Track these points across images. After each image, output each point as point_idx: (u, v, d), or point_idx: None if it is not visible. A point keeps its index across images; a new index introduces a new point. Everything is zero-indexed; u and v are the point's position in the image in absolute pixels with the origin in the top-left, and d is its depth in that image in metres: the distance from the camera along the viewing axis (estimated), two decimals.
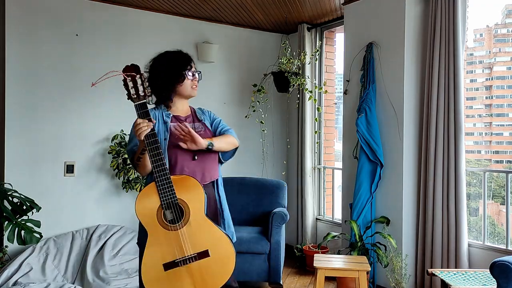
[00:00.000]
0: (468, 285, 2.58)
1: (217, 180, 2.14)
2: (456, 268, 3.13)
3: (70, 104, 3.79)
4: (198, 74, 2.16)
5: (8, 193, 3.23)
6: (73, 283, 3.29)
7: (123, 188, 3.88)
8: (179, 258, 1.85)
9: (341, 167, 4.07)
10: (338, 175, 4.37)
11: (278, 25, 4.66)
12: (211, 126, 2.19)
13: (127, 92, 1.94)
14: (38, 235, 3.24)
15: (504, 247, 3.07)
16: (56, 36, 3.72)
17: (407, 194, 3.44)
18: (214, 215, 2.09)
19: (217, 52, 4.48)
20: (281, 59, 4.23)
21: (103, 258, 3.42)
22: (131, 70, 1.97)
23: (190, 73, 2.10)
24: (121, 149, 3.80)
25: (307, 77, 4.41)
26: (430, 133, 3.27)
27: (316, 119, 4.54)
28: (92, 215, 3.87)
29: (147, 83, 1.95)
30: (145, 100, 1.93)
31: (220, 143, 2.06)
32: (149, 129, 1.86)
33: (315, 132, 4.57)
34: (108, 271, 3.34)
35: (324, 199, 4.66)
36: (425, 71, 3.39)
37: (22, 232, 3.18)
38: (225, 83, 4.63)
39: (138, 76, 1.95)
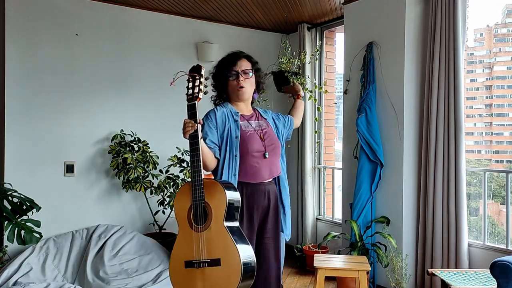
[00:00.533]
0: (468, 285, 2.57)
1: (279, 176, 2.21)
2: (456, 268, 3.13)
3: (70, 104, 3.79)
4: (246, 74, 2.15)
5: (8, 193, 3.23)
6: (73, 283, 3.29)
7: (123, 188, 3.87)
8: (195, 260, 1.89)
9: (341, 167, 4.06)
10: (338, 175, 4.36)
11: (278, 24, 4.66)
12: (279, 119, 2.34)
13: (186, 92, 2.01)
14: (38, 235, 3.24)
15: (504, 247, 3.07)
16: (56, 36, 3.72)
17: (407, 194, 3.44)
18: (275, 211, 2.15)
19: (217, 51, 4.48)
20: (281, 59, 4.21)
21: (103, 258, 3.42)
22: (194, 70, 2.04)
23: (231, 74, 2.13)
24: (121, 149, 3.80)
25: (307, 77, 4.40)
26: (430, 133, 3.26)
27: (316, 119, 4.54)
28: (92, 215, 3.87)
29: (203, 86, 2.01)
30: (195, 102, 1.95)
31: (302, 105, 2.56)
32: (193, 130, 1.89)
33: (315, 132, 4.57)
34: (108, 271, 3.34)
35: (324, 199, 4.66)
36: (425, 70, 3.39)
37: (22, 232, 3.18)
38: None
39: (198, 77, 2.00)
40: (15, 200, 3.26)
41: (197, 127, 1.89)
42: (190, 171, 1.93)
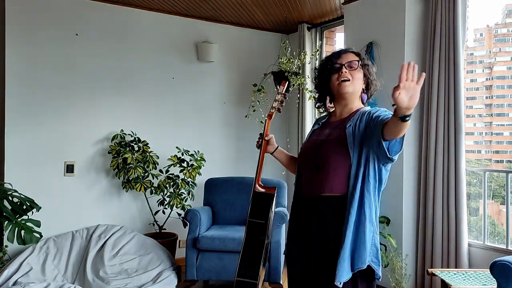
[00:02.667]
0: (468, 285, 2.57)
1: (340, 197, 1.67)
2: (456, 268, 3.13)
3: (70, 104, 3.79)
4: (351, 67, 1.75)
5: (8, 193, 3.23)
6: (73, 283, 3.29)
7: (123, 188, 3.88)
8: None
9: None
10: None
11: (278, 24, 4.66)
12: (365, 124, 1.68)
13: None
14: (38, 235, 3.25)
15: (504, 247, 3.07)
16: (56, 36, 3.72)
17: (407, 194, 3.44)
18: (334, 240, 1.64)
19: (217, 51, 4.48)
20: (281, 58, 4.22)
21: (103, 258, 3.42)
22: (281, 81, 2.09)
23: (333, 68, 1.77)
24: (121, 149, 3.80)
25: (307, 77, 4.41)
26: (430, 133, 3.26)
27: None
28: (92, 215, 3.87)
29: (278, 103, 2.02)
30: (266, 118, 2.02)
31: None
32: (258, 144, 1.99)
33: None
34: (108, 271, 3.34)
35: None
36: (425, 70, 3.39)
37: (22, 232, 3.19)
38: (225, 83, 4.63)
39: (279, 90, 2.05)
40: (15, 200, 3.26)
41: (261, 141, 1.97)
42: None
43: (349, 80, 1.74)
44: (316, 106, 1.95)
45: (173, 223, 4.10)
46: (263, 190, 1.98)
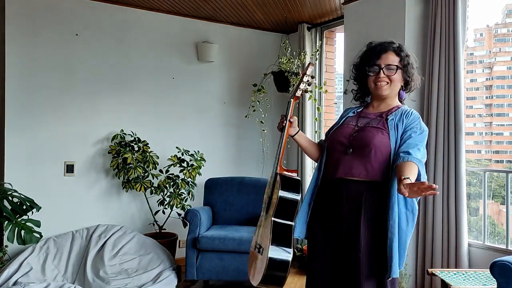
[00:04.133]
0: (468, 285, 2.57)
1: (378, 183, 1.75)
2: (456, 268, 3.12)
3: (70, 104, 3.79)
4: (390, 70, 1.80)
5: (8, 192, 3.23)
6: (73, 283, 3.29)
7: (123, 188, 3.87)
8: (256, 242, 1.99)
9: None
10: None
11: (278, 24, 4.66)
12: (403, 128, 1.81)
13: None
14: (38, 235, 3.25)
15: (504, 247, 3.07)
16: (56, 36, 3.72)
17: None
18: (368, 228, 1.71)
19: (217, 51, 4.48)
20: (281, 58, 4.22)
21: (103, 258, 3.42)
22: (305, 68, 2.03)
23: (371, 70, 1.84)
24: (121, 148, 3.80)
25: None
26: (430, 133, 3.26)
27: (316, 119, 4.54)
28: (92, 215, 3.87)
29: (304, 85, 1.98)
30: (291, 100, 1.96)
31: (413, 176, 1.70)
32: (281, 126, 1.93)
33: (315, 132, 4.57)
34: (108, 271, 3.34)
35: None
36: (425, 71, 3.39)
37: (22, 232, 3.19)
38: (225, 83, 4.63)
39: (303, 75, 2.00)
40: (15, 200, 3.26)
41: (284, 123, 1.91)
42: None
43: (387, 83, 1.82)
44: (355, 99, 2.01)
45: (173, 223, 4.10)
46: (290, 174, 1.93)
